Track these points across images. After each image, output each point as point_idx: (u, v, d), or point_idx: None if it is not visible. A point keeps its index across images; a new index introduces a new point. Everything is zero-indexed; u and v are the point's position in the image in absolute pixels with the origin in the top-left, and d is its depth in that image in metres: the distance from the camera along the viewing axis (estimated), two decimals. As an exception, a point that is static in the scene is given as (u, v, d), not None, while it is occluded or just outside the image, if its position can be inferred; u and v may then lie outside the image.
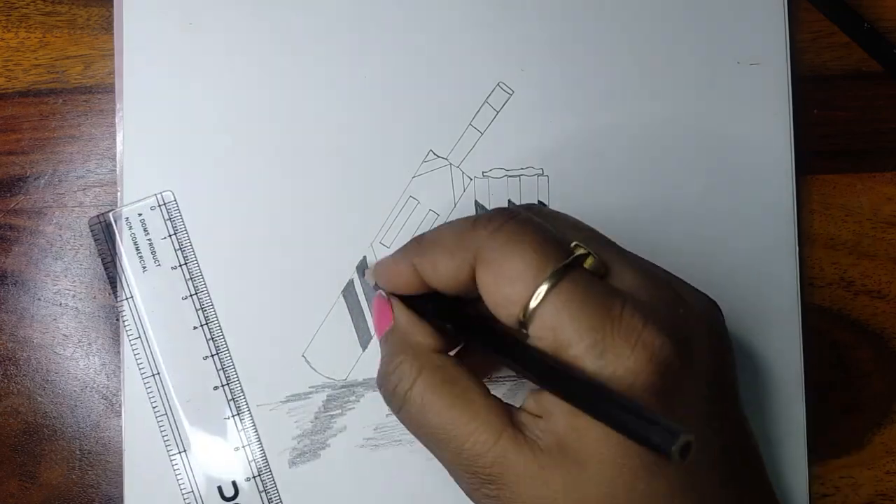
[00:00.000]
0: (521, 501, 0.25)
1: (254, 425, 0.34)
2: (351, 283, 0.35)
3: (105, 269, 0.34)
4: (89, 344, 0.35)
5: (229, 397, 0.34)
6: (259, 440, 0.34)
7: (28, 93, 0.35)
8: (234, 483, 0.34)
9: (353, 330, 0.35)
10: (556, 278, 0.24)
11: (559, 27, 0.36)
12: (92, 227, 0.35)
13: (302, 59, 0.35)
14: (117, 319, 0.34)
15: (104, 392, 0.35)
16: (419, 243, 0.29)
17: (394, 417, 0.34)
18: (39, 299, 0.35)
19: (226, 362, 0.34)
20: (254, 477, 0.34)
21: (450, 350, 0.29)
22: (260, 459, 0.34)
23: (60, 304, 0.35)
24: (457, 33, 0.36)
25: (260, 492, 0.34)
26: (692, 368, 0.25)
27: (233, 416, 0.34)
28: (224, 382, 0.34)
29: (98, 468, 0.35)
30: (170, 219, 0.34)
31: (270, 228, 0.35)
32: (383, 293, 0.30)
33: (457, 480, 0.27)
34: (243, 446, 0.34)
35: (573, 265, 0.25)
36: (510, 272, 0.25)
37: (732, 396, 0.28)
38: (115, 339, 0.35)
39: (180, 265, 0.34)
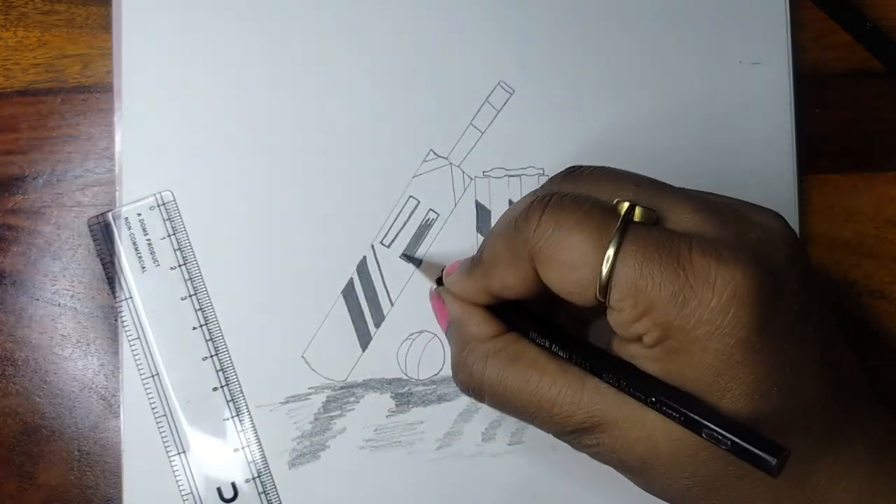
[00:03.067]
0: (619, 444, 0.25)
1: (253, 426, 0.34)
2: (351, 283, 0.35)
3: (104, 269, 0.34)
4: (88, 344, 0.35)
5: (228, 398, 0.34)
6: (258, 441, 0.34)
7: (26, 92, 0.35)
8: (233, 484, 0.34)
9: (353, 330, 0.34)
10: (616, 244, 0.24)
11: (560, 27, 0.36)
12: (91, 227, 0.34)
13: (302, 59, 0.35)
14: (116, 320, 0.34)
15: (103, 393, 0.35)
16: (482, 266, 0.29)
17: (393, 418, 0.34)
18: (38, 299, 0.35)
19: (225, 363, 0.34)
20: (253, 478, 0.34)
21: (507, 330, 0.29)
22: (259, 461, 0.34)
23: (59, 305, 0.35)
24: (457, 33, 0.35)
25: (259, 493, 0.34)
26: (779, 292, 0.24)
27: (232, 417, 0.34)
28: (223, 383, 0.34)
29: (97, 469, 0.35)
30: (169, 219, 0.34)
31: (270, 228, 0.34)
32: (434, 288, 0.32)
33: (563, 441, 0.28)
34: (243, 447, 0.34)
35: (625, 225, 0.24)
36: (569, 261, 0.25)
37: (826, 311, 0.26)
38: (114, 339, 0.35)
39: (179, 265, 0.34)
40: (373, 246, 0.35)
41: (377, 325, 0.35)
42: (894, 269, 0.37)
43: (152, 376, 0.34)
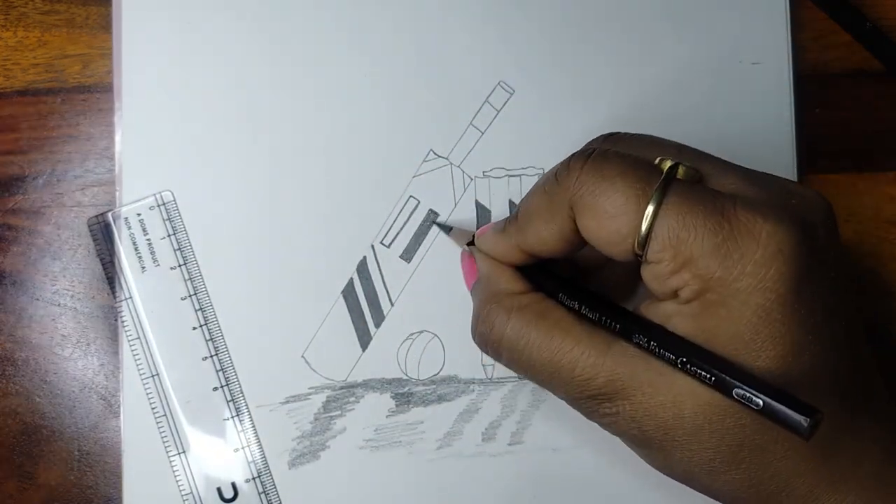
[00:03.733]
0: (641, 411, 0.25)
1: (253, 426, 0.34)
2: (351, 282, 0.35)
3: (104, 269, 0.34)
4: (88, 344, 0.35)
5: (228, 398, 0.34)
6: (258, 441, 0.34)
7: (26, 92, 0.35)
8: (233, 484, 0.34)
9: (353, 330, 0.34)
10: (659, 196, 0.24)
11: (560, 27, 0.36)
12: (90, 227, 0.34)
13: (302, 59, 0.35)
14: (116, 320, 0.34)
15: (103, 393, 0.35)
16: (516, 222, 0.28)
17: (393, 418, 0.34)
18: (38, 299, 0.35)
19: (225, 363, 0.34)
20: (253, 478, 0.34)
21: (535, 290, 0.29)
22: (259, 461, 0.34)
23: (59, 305, 0.35)
24: (457, 33, 0.35)
25: (259, 493, 0.34)
26: (818, 256, 0.24)
27: (232, 417, 0.34)
28: (223, 383, 0.34)
29: (97, 469, 0.34)
30: (169, 219, 0.34)
31: (270, 228, 0.34)
32: (467, 248, 0.32)
33: (575, 409, 0.27)
34: (243, 447, 0.34)
35: (669, 180, 0.24)
36: (610, 208, 0.24)
37: (852, 293, 0.27)
38: (114, 339, 0.35)
39: (179, 265, 0.34)
40: (373, 246, 0.35)
41: (377, 325, 0.35)
42: (894, 269, 0.37)
43: (152, 376, 0.34)
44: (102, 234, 0.34)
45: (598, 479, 0.35)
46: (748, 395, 0.22)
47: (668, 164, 0.25)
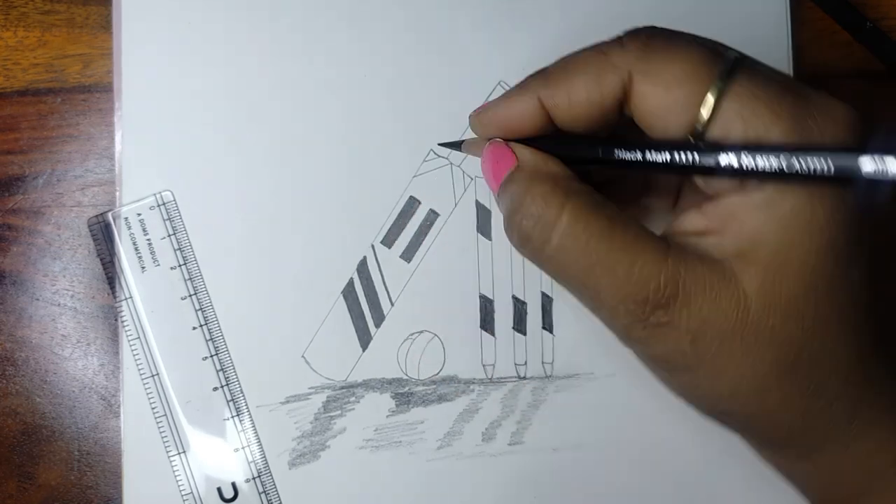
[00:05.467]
0: (701, 318, 0.23)
1: (253, 426, 0.34)
2: (351, 282, 0.35)
3: (104, 269, 0.34)
4: (88, 344, 0.35)
5: (229, 398, 0.34)
6: (259, 441, 0.34)
7: (26, 92, 0.35)
8: (233, 484, 0.34)
9: (353, 330, 0.34)
10: (730, 71, 0.23)
11: (560, 27, 0.36)
12: (91, 227, 0.34)
13: (301, 59, 0.35)
14: (116, 320, 0.34)
15: (103, 393, 0.35)
16: (543, 74, 0.26)
17: (394, 418, 0.34)
18: (38, 299, 0.35)
19: (225, 363, 0.34)
20: (253, 478, 0.34)
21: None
22: (259, 461, 0.34)
23: (59, 305, 0.35)
24: (457, 33, 0.35)
25: (259, 493, 0.34)
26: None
27: (232, 417, 0.34)
28: (223, 383, 0.34)
29: (97, 469, 0.35)
30: (169, 219, 0.34)
31: (270, 228, 0.34)
32: (491, 142, 0.27)
33: (614, 320, 0.25)
34: (243, 447, 0.34)
35: (738, 60, 0.23)
36: (678, 74, 0.23)
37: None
38: (114, 339, 0.35)
39: (179, 265, 0.34)
40: (373, 246, 0.35)
41: (377, 325, 0.35)
42: None
43: (152, 376, 0.34)
44: (102, 234, 0.34)
45: (598, 479, 0.35)
46: (878, 158, 0.20)
47: (730, 51, 0.24)
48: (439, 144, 0.34)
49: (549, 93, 0.26)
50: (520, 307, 0.35)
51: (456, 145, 0.32)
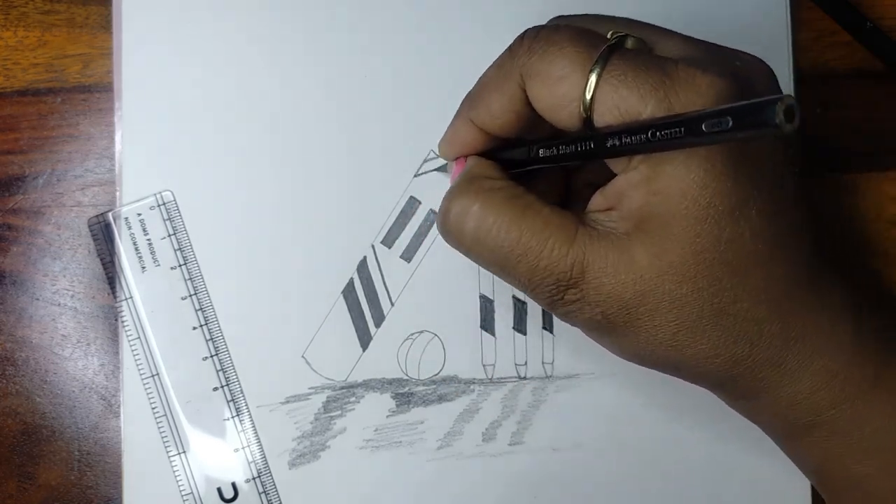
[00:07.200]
0: (605, 293, 0.25)
1: (253, 426, 0.34)
2: (351, 282, 0.35)
3: (104, 269, 0.34)
4: (88, 344, 0.35)
5: (229, 398, 0.34)
6: (259, 441, 0.34)
7: (26, 92, 0.35)
8: (233, 484, 0.34)
9: (353, 330, 0.34)
10: (604, 59, 0.25)
11: (560, 26, 0.36)
12: (91, 227, 0.34)
13: (302, 59, 0.35)
14: (116, 320, 0.34)
15: (103, 393, 0.35)
16: (468, 98, 0.29)
17: (394, 418, 0.34)
18: (38, 299, 0.35)
19: (225, 363, 0.34)
20: (253, 478, 0.34)
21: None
22: (259, 461, 0.34)
23: (59, 305, 0.35)
24: (457, 33, 0.35)
25: (259, 493, 0.34)
26: None
27: (232, 417, 0.34)
28: (223, 383, 0.34)
29: (97, 469, 0.34)
30: (169, 219, 0.34)
31: (270, 228, 0.34)
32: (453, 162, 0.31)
33: (536, 298, 0.27)
34: (243, 447, 0.34)
35: (615, 47, 0.25)
36: (558, 72, 0.25)
37: (792, 156, 0.27)
38: (114, 339, 0.35)
39: (179, 265, 0.34)
40: (373, 246, 0.35)
41: (377, 325, 0.35)
42: None
43: (152, 376, 0.33)
44: (102, 234, 0.34)
45: (598, 479, 0.35)
46: (715, 119, 0.21)
47: (618, 34, 0.26)
48: (436, 170, 0.35)
49: (475, 113, 0.29)
50: (520, 307, 0.35)
51: (442, 168, 0.35)
